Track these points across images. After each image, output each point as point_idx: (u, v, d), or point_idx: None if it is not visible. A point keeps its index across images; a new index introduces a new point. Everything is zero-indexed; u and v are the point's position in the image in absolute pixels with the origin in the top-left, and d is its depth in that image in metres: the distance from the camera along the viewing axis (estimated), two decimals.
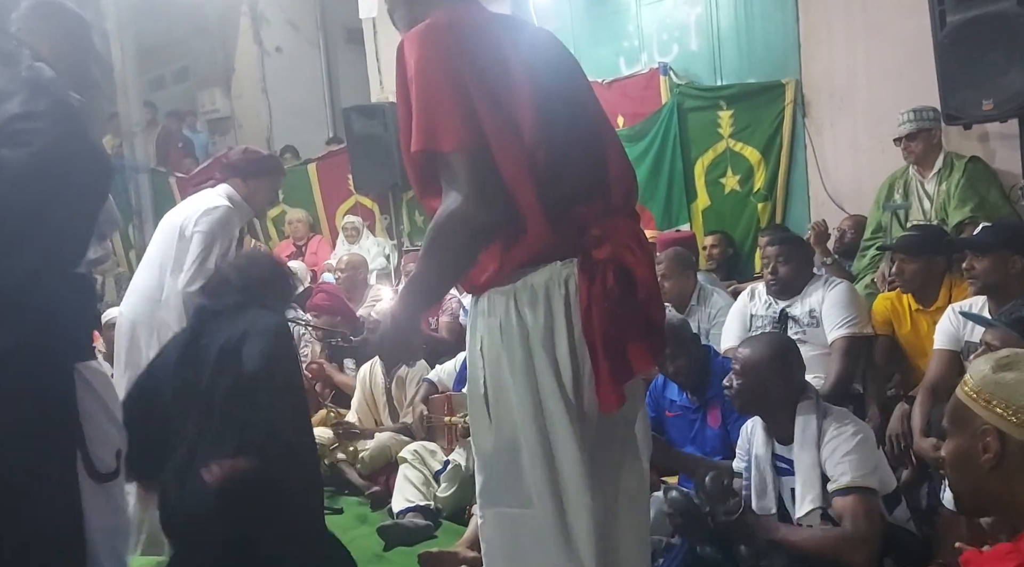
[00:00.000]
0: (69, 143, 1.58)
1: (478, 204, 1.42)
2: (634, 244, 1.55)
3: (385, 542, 3.19)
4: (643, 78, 5.00)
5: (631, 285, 1.52)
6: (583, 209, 1.55)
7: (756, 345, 2.37)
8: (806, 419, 2.24)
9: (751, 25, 4.73)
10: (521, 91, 1.49)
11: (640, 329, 1.55)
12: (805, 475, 2.20)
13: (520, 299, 1.52)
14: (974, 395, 1.22)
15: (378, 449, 3.75)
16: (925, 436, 2.50)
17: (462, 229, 1.43)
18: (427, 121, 1.45)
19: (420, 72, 1.46)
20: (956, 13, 3.40)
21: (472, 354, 1.61)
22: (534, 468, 1.53)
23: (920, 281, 2.99)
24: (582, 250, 1.52)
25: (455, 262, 1.49)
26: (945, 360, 2.66)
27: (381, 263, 6.05)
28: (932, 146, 3.66)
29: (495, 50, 1.51)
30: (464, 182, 1.43)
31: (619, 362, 1.51)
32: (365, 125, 5.95)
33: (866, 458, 2.16)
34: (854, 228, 4.09)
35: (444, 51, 1.45)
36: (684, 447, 2.84)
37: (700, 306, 3.54)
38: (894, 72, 4.13)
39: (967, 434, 1.23)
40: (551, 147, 1.51)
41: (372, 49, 6.41)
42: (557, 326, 1.51)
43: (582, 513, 1.53)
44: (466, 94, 1.44)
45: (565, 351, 1.51)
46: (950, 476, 1.30)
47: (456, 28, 1.48)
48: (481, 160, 1.44)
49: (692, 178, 4.86)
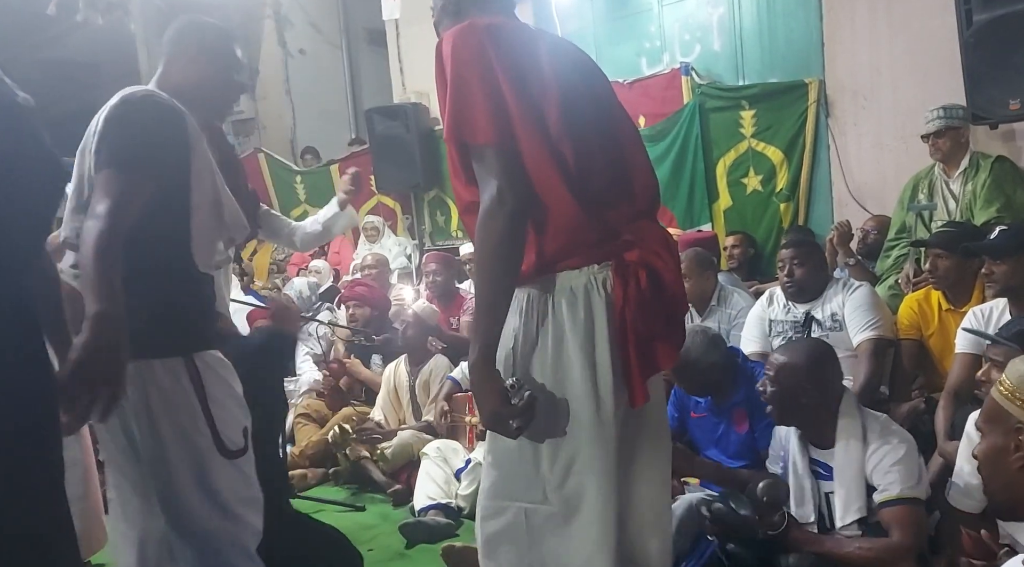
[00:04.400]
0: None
1: (510, 190, 1.48)
2: (661, 248, 1.60)
3: (407, 540, 3.22)
4: (665, 78, 4.99)
5: (659, 287, 1.57)
6: (612, 213, 1.59)
7: (792, 352, 2.34)
8: (850, 427, 2.21)
9: (774, 24, 4.70)
10: (550, 94, 1.54)
11: (665, 327, 1.60)
12: (848, 483, 2.19)
13: (559, 300, 1.56)
14: (1010, 395, 1.22)
15: (400, 447, 3.78)
16: (949, 440, 2.48)
17: (498, 215, 1.48)
18: (460, 114, 1.51)
19: (455, 67, 1.52)
20: (982, 12, 3.37)
21: (502, 351, 1.62)
22: (553, 465, 1.56)
23: (953, 277, 2.96)
24: (616, 254, 1.57)
25: (500, 248, 1.50)
26: (967, 364, 2.64)
27: (402, 263, 6.10)
28: (959, 145, 3.63)
29: (528, 53, 1.56)
30: (495, 173, 1.49)
31: (648, 359, 1.57)
32: (387, 126, 6.00)
33: (912, 468, 2.15)
34: (877, 229, 4.06)
35: (479, 49, 1.51)
36: (707, 449, 2.84)
37: (720, 307, 3.53)
38: (919, 71, 4.09)
39: (1000, 433, 1.23)
40: (578, 149, 1.56)
41: (394, 50, 6.45)
42: (598, 327, 1.55)
43: (603, 512, 1.56)
44: (498, 92, 1.50)
45: (605, 351, 1.54)
46: (983, 475, 1.31)
47: (492, 29, 1.55)
48: (510, 154, 1.50)
49: (714, 178, 4.85)
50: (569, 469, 1.56)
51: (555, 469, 1.57)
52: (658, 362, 1.59)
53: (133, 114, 1.71)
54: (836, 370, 2.35)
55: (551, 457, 1.57)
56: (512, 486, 1.62)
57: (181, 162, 1.74)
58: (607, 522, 1.56)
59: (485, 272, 1.52)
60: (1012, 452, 1.21)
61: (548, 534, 1.59)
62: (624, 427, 1.59)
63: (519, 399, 1.50)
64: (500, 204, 1.47)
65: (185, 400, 1.71)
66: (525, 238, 1.53)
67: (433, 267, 4.69)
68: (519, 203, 1.48)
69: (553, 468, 1.57)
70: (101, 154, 1.67)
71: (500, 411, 1.49)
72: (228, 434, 1.75)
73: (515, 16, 1.72)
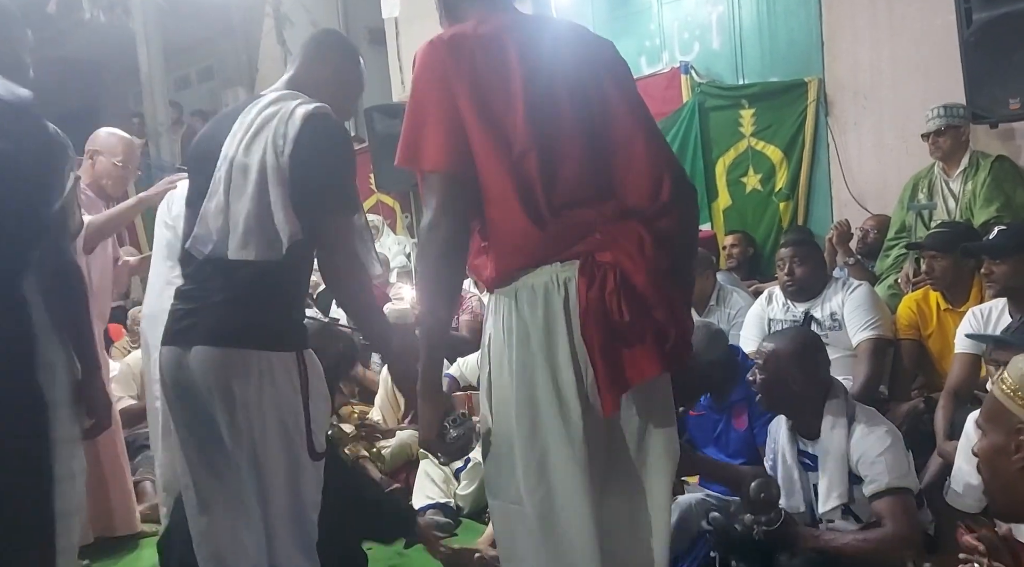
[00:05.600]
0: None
1: (444, 215, 1.51)
2: (634, 249, 1.52)
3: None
4: (664, 77, 4.98)
5: (630, 290, 1.51)
6: (587, 212, 1.54)
7: (780, 339, 2.37)
8: (835, 416, 2.23)
9: (774, 23, 4.69)
10: (514, 103, 1.52)
11: (647, 336, 1.52)
12: (831, 471, 2.20)
13: (520, 299, 1.55)
14: (1011, 393, 1.21)
15: (399, 446, 3.78)
16: (948, 439, 2.48)
17: (432, 239, 1.51)
18: (410, 139, 1.54)
19: (413, 88, 1.54)
20: (982, 11, 3.36)
21: (482, 352, 1.65)
22: (525, 466, 1.55)
23: (950, 278, 2.96)
24: (585, 253, 1.53)
25: (435, 274, 1.54)
26: (966, 363, 2.64)
27: (401, 261, 6.09)
28: (960, 144, 3.62)
29: (493, 62, 1.53)
30: (433, 197, 1.52)
31: (614, 369, 1.50)
32: (387, 124, 5.98)
33: (900, 459, 2.16)
34: (877, 228, 4.05)
35: (438, 68, 1.51)
36: (706, 447, 2.83)
37: (720, 306, 3.53)
38: (919, 70, 4.09)
39: (1002, 433, 1.22)
40: (544, 157, 1.52)
41: (394, 49, 6.45)
42: (556, 327, 1.52)
43: (575, 513, 1.52)
44: (454, 112, 1.50)
45: (566, 352, 1.52)
46: (983, 475, 1.29)
47: (456, 41, 1.53)
48: (454, 180, 1.52)
49: (713, 177, 4.84)
50: (542, 473, 1.53)
51: (528, 471, 1.54)
52: (630, 373, 1.51)
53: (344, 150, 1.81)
54: (823, 358, 2.36)
55: (524, 457, 1.55)
56: (494, 484, 1.64)
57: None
58: (586, 537, 1.52)
59: (423, 296, 1.58)
60: (1012, 452, 1.20)
61: (526, 537, 1.57)
62: (606, 435, 1.56)
63: (457, 434, 1.57)
64: (434, 229, 1.51)
65: (293, 397, 1.74)
66: (462, 260, 1.56)
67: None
68: (452, 231, 1.52)
69: (527, 469, 1.54)
70: (331, 198, 1.75)
71: (433, 441, 1.58)
72: (318, 436, 1.78)
73: (513, 9, 1.68)
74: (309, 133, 1.73)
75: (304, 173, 1.72)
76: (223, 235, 1.73)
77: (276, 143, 1.72)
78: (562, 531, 1.53)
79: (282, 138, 1.72)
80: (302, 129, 1.72)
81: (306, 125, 1.73)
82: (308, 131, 1.73)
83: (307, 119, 1.73)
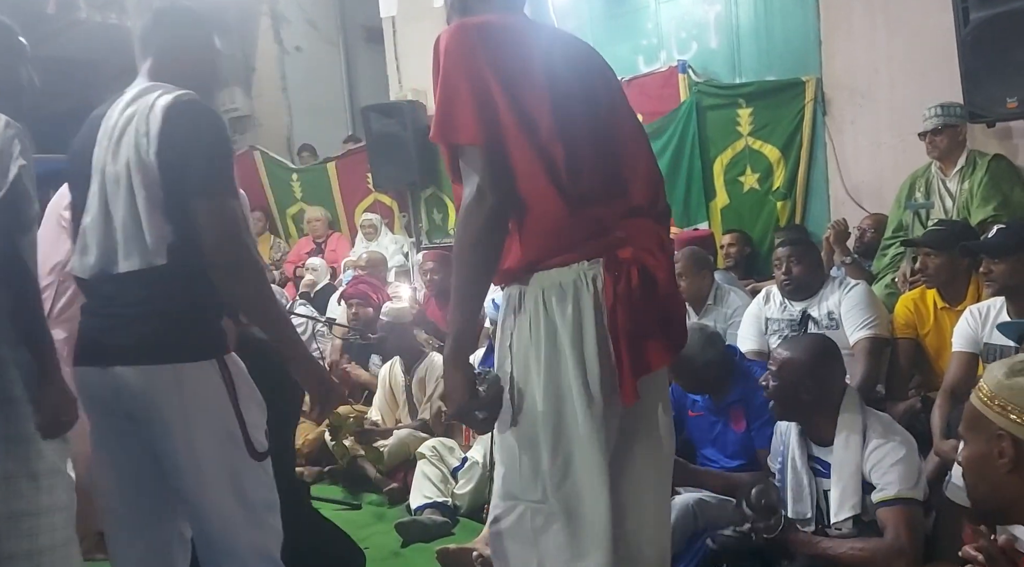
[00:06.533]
0: None
1: (489, 188, 1.51)
2: (655, 247, 1.61)
3: (403, 538, 3.22)
4: (662, 76, 4.97)
5: (652, 285, 1.58)
6: (604, 210, 1.60)
7: (795, 347, 2.33)
8: (850, 423, 2.21)
9: (771, 22, 4.69)
10: (541, 94, 1.55)
11: (659, 326, 1.60)
12: (844, 480, 2.18)
13: (549, 297, 1.57)
14: (988, 401, 1.22)
15: (396, 446, 3.78)
16: (945, 438, 2.48)
17: (477, 211, 1.51)
18: (446, 113, 1.54)
19: (445, 67, 1.55)
20: (979, 10, 3.36)
21: (501, 350, 1.64)
22: (552, 464, 1.57)
23: (945, 276, 2.96)
24: (607, 250, 1.57)
25: (478, 244, 1.53)
26: (964, 362, 2.64)
27: (399, 260, 6.09)
28: (957, 143, 3.63)
29: (521, 51, 1.57)
30: (477, 171, 1.52)
31: (638, 358, 1.56)
32: (384, 124, 5.98)
33: (912, 469, 2.14)
34: (874, 227, 4.06)
35: (469, 48, 1.53)
36: (704, 448, 2.84)
37: (717, 305, 3.53)
38: (916, 69, 4.09)
39: (983, 440, 1.23)
40: (568, 147, 1.56)
41: (391, 48, 6.44)
42: (586, 323, 1.56)
43: (598, 510, 1.56)
44: (486, 92, 1.52)
45: (593, 347, 1.55)
46: (967, 482, 1.31)
47: (484, 28, 1.56)
48: (493, 153, 1.53)
49: (711, 176, 4.84)
50: (567, 468, 1.57)
51: (555, 467, 1.57)
52: (649, 361, 1.58)
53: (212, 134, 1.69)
54: (839, 367, 2.34)
55: (551, 455, 1.57)
56: (516, 486, 1.63)
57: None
58: (603, 522, 1.56)
59: (462, 267, 1.55)
60: (996, 457, 1.21)
61: (548, 535, 1.59)
62: (618, 425, 1.59)
63: (485, 386, 1.55)
64: (480, 201, 1.51)
65: (220, 403, 1.70)
66: (504, 236, 1.56)
67: (431, 265, 4.68)
68: (499, 201, 1.52)
69: (553, 466, 1.57)
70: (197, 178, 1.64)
71: (466, 403, 1.54)
72: (256, 436, 1.75)
73: (522, 13, 1.72)
74: (172, 125, 1.65)
75: (171, 166, 1.64)
76: (107, 249, 1.67)
77: (139, 143, 1.65)
78: (588, 522, 1.56)
79: (144, 137, 1.65)
80: (164, 123, 1.65)
81: (168, 118, 1.65)
82: (171, 123, 1.65)
83: (168, 111, 1.66)
